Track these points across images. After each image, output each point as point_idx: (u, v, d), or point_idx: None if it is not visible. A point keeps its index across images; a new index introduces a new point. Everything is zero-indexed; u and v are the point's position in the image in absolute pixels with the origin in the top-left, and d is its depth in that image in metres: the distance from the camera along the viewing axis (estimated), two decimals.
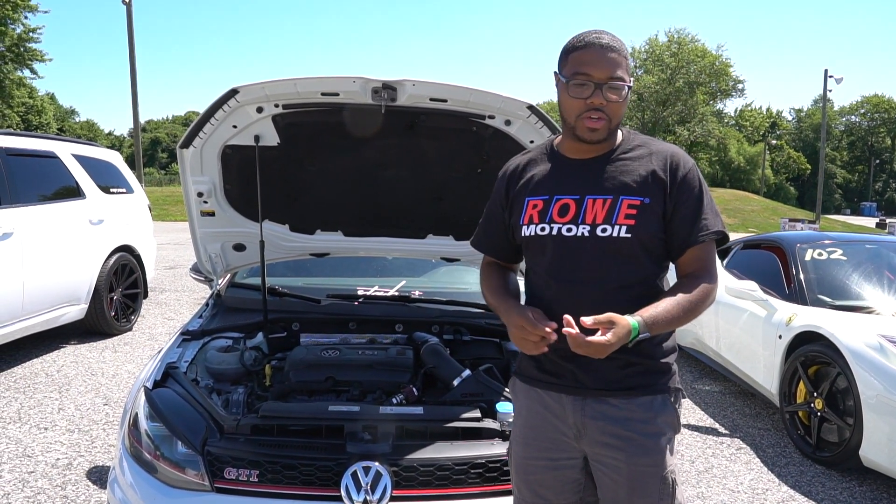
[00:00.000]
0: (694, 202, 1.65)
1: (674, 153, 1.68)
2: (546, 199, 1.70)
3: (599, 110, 1.60)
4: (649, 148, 1.70)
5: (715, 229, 1.66)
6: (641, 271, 1.65)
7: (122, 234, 6.49)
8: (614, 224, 1.62)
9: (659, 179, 1.64)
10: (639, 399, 1.66)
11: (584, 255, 1.64)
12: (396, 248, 3.16)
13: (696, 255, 1.67)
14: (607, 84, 1.59)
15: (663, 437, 1.68)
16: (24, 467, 3.50)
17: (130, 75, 23.03)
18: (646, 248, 1.64)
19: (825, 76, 34.78)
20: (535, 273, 1.75)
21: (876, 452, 3.48)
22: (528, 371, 1.79)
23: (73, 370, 5.25)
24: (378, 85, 2.38)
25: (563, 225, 1.65)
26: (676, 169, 1.65)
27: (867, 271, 4.80)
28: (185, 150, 2.71)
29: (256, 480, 2.02)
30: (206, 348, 2.78)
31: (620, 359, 1.62)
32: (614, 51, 1.61)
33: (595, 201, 1.64)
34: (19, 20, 31.89)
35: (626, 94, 1.63)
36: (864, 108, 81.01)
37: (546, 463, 1.73)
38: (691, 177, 1.66)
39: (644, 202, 1.62)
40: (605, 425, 1.65)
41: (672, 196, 1.64)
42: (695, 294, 1.61)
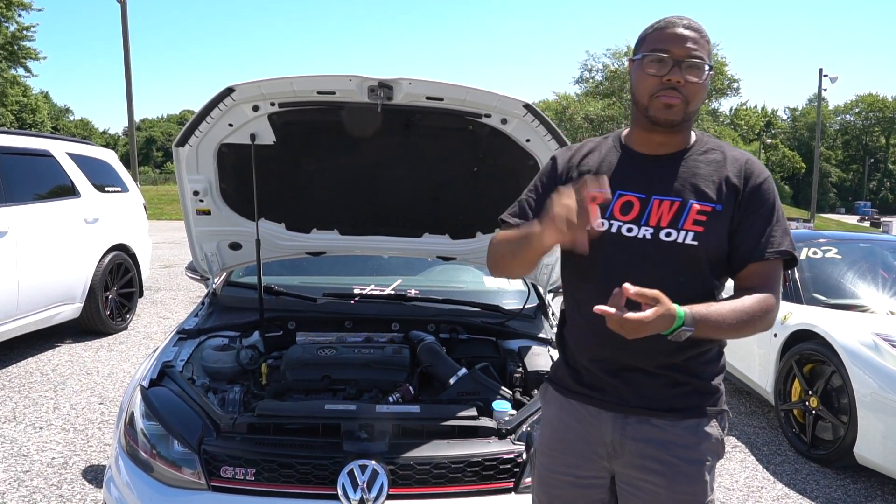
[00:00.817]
0: (764, 215, 1.52)
1: (749, 160, 1.57)
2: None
3: (676, 89, 1.48)
4: (724, 152, 1.57)
5: (782, 248, 1.51)
6: (701, 283, 1.53)
7: (117, 232, 6.47)
8: (680, 229, 1.49)
9: (732, 186, 1.52)
10: (684, 422, 1.54)
11: (643, 259, 1.50)
12: (392, 246, 3.16)
13: (759, 272, 1.52)
14: (686, 61, 1.47)
15: (706, 465, 1.56)
16: (19, 466, 3.49)
17: (125, 74, 22.99)
18: (710, 258, 1.52)
19: (820, 75, 34.93)
20: (581, 271, 1.60)
21: (870, 450, 3.50)
22: (564, 381, 1.67)
23: (69, 369, 5.24)
24: (374, 83, 2.38)
25: (624, 223, 1.53)
26: (750, 176, 1.53)
27: (862, 270, 4.82)
28: (181, 149, 2.70)
29: (253, 479, 2.02)
30: (203, 347, 2.77)
31: (667, 376, 1.54)
32: (696, 31, 1.51)
33: (662, 202, 1.52)
34: (13, 18, 31.78)
35: (706, 79, 1.51)
36: (858, 108, 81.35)
37: (572, 479, 1.63)
38: (766, 188, 1.53)
39: (715, 209, 1.50)
40: (645, 447, 1.54)
41: (742, 205, 1.52)
42: (753, 306, 1.46)
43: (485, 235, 3.06)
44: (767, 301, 1.48)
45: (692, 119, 1.55)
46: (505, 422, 2.20)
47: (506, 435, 2.16)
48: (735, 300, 1.47)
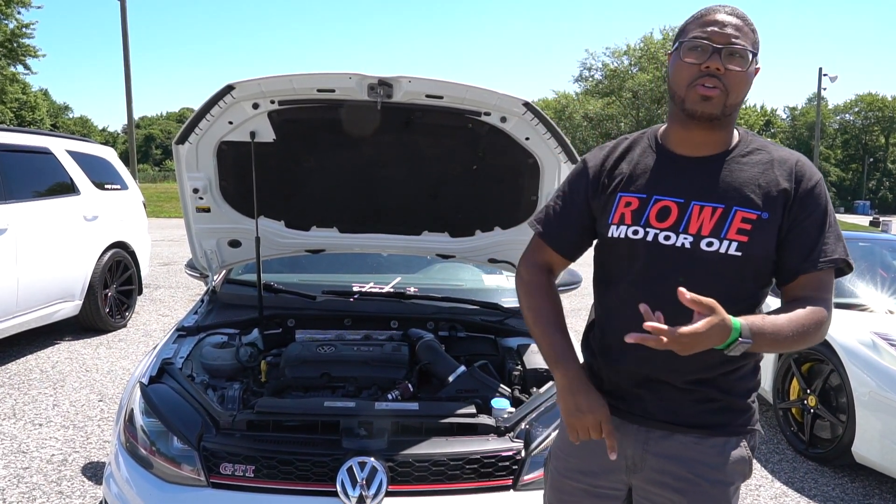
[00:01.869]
0: (817, 222, 1.40)
1: (800, 161, 1.45)
2: (643, 198, 1.46)
3: (716, 77, 1.36)
4: (770, 153, 1.45)
5: (835, 256, 1.40)
6: (745, 297, 1.42)
7: (116, 230, 6.48)
8: (723, 238, 1.38)
9: (783, 191, 1.40)
10: (711, 440, 1.45)
11: (681, 271, 1.39)
12: (392, 244, 3.16)
13: (811, 283, 1.41)
14: (727, 48, 1.36)
15: (731, 487, 1.48)
16: (18, 463, 3.49)
17: (124, 71, 22.97)
18: (756, 270, 1.42)
19: (819, 74, 34.96)
20: (615, 282, 1.50)
21: (868, 449, 3.50)
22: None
23: (68, 366, 5.24)
24: (374, 81, 2.38)
25: (661, 231, 1.42)
26: (801, 180, 1.41)
27: (860, 269, 4.82)
28: (181, 147, 2.70)
29: (252, 476, 2.02)
30: (202, 344, 2.78)
31: (698, 391, 1.44)
32: (739, 18, 1.40)
33: (703, 209, 1.40)
34: (12, 15, 31.71)
35: (750, 69, 1.39)
36: (857, 107, 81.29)
37: (586, 488, 1.57)
38: (818, 191, 1.42)
39: (762, 217, 1.38)
40: (667, 464, 1.46)
41: (792, 211, 1.40)
42: (809, 318, 1.36)
43: (484, 233, 3.06)
44: (820, 313, 1.38)
45: (734, 114, 1.43)
46: (504, 419, 2.21)
47: (504, 432, 2.16)
48: (790, 312, 1.36)
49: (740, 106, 1.44)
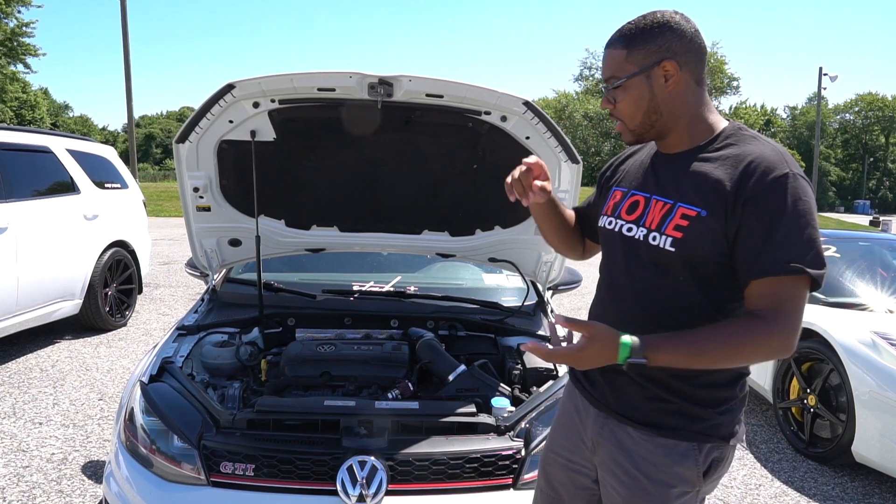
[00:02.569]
0: (768, 221, 1.29)
1: (760, 158, 1.34)
2: (624, 192, 1.56)
3: (614, 115, 1.49)
4: (739, 148, 1.39)
5: (793, 262, 1.27)
6: (686, 297, 1.40)
7: (116, 229, 6.47)
8: (662, 233, 1.40)
9: (723, 189, 1.34)
10: (661, 440, 1.45)
11: (636, 261, 1.47)
12: (392, 243, 3.17)
13: (762, 291, 1.31)
14: (607, 85, 1.47)
15: (673, 490, 1.45)
16: (18, 462, 3.50)
17: (124, 70, 22.96)
18: (693, 269, 1.37)
19: (819, 74, 34.93)
20: (602, 265, 1.62)
21: (868, 448, 3.51)
22: (574, 370, 1.71)
23: (68, 365, 5.24)
24: (374, 80, 2.38)
25: (627, 223, 1.51)
26: (751, 177, 1.32)
27: (860, 268, 4.83)
28: (182, 145, 2.70)
29: (252, 474, 2.02)
30: (202, 343, 2.78)
31: (650, 389, 1.45)
32: (607, 44, 1.45)
33: (657, 203, 1.45)
34: (12, 14, 31.74)
35: (633, 90, 1.42)
36: (858, 106, 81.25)
37: (564, 462, 1.69)
38: (772, 188, 1.30)
39: (700, 214, 1.35)
40: (616, 453, 1.51)
41: (737, 211, 1.32)
42: (737, 334, 1.29)
43: (484, 232, 3.07)
44: (757, 328, 1.28)
45: (661, 124, 1.45)
46: (504, 418, 2.21)
47: (504, 431, 2.16)
48: (713, 326, 1.33)
49: (665, 111, 1.43)
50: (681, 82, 1.41)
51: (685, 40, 1.40)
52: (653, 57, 1.40)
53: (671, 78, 1.40)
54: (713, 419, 1.44)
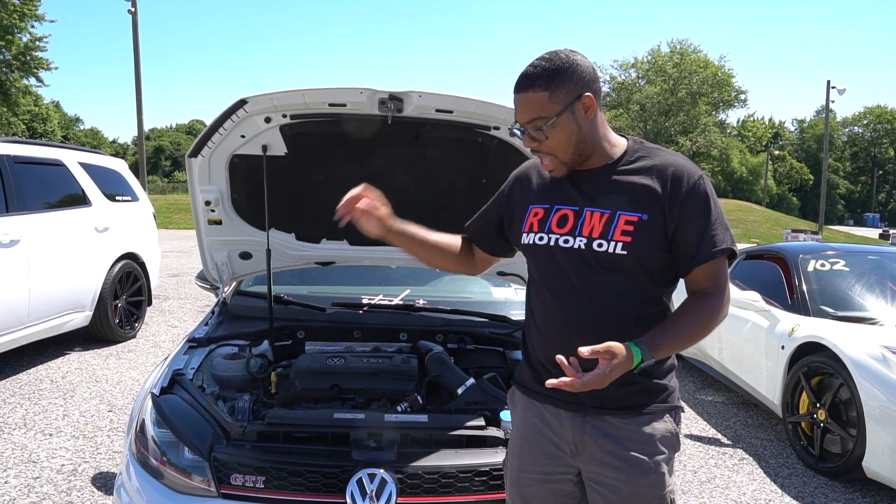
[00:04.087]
0: (699, 218, 1.56)
1: (678, 166, 1.59)
2: (547, 208, 1.67)
3: (541, 151, 1.60)
4: (653, 160, 1.62)
5: (723, 246, 1.57)
6: (639, 290, 1.60)
7: (126, 241, 6.53)
8: (610, 239, 1.56)
9: (657, 195, 1.56)
10: (637, 419, 1.62)
11: (581, 268, 1.59)
12: (401, 257, 3.17)
13: (705, 274, 1.59)
14: (528, 126, 1.57)
15: (662, 457, 1.64)
16: (29, 473, 3.51)
17: (135, 84, 23.18)
18: (644, 266, 1.58)
19: (828, 87, 34.87)
20: (533, 283, 1.73)
21: (879, 463, 3.48)
22: (527, 382, 1.75)
23: (78, 377, 5.27)
24: (385, 96, 2.41)
25: (561, 236, 1.62)
26: (679, 183, 1.56)
27: (870, 282, 4.81)
28: (194, 160, 2.73)
29: (262, 487, 2.03)
30: (213, 355, 2.79)
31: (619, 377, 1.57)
32: (523, 88, 1.55)
33: (593, 214, 1.59)
34: (26, 29, 32.15)
35: (560, 122, 1.54)
36: (866, 119, 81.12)
37: (540, 476, 1.71)
38: (697, 191, 1.56)
39: (642, 218, 1.56)
40: (605, 443, 1.62)
41: (673, 212, 1.55)
42: (703, 314, 1.56)
43: None
44: (716, 304, 1.57)
45: (587, 151, 1.61)
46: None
47: None
48: (685, 315, 1.56)
49: (589, 139, 1.59)
50: (596, 110, 1.59)
51: (590, 72, 1.57)
52: (573, 93, 1.54)
53: (590, 109, 1.57)
54: (669, 387, 1.68)
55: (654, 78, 49.82)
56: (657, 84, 49.16)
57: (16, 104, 37.31)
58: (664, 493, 1.63)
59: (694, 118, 49.28)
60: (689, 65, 49.14)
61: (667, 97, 48.81)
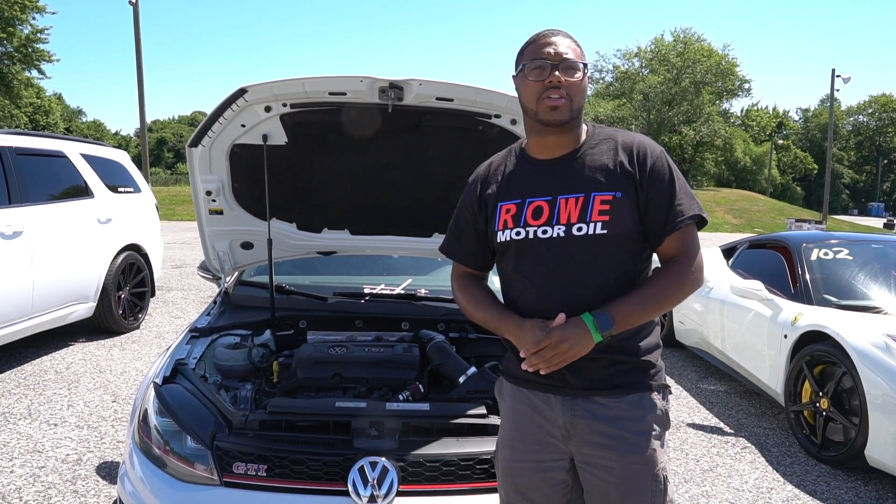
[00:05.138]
0: (666, 189, 1.62)
1: (640, 142, 1.66)
2: (519, 203, 1.67)
3: (559, 88, 1.59)
4: (615, 139, 1.67)
5: (691, 213, 1.63)
6: (620, 268, 1.63)
7: (129, 232, 6.54)
8: (589, 222, 1.59)
9: (627, 171, 1.61)
10: (627, 397, 1.64)
11: (562, 257, 1.61)
12: (402, 246, 3.18)
13: (675, 242, 1.64)
14: (563, 63, 1.59)
15: (653, 434, 1.65)
16: (34, 462, 3.54)
17: (137, 76, 23.13)
18: (623, 242, 1.61)
19: (832, 76, 34.68)
20: (512, 278, 1.72)
21: (881, 452, 3.48)
22: (514, 370, 1.75)
23: (82, 367, 5.29)
24: (385, 84, 2.40)
25: (538, 227, 1.63)
26: (644, 158, 1.62)
27: (873, 271, 4.80)
28: (194, 149, 2.73)
29: (265, 475, 2.04)
30: (215, 345, 2.80)
31: (604, 358, 1.61)
32: (567, 37, 1.64)
33: (568, 201, 1.62)
34: (27, 21, 32.08)
35: (584, 78, 1.63)
36: (871, 108, 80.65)
37: (533, 465, 1.71)
38: (660, 164, 1.63)
39: (616, 196, 1.59)
40: (595, 424, 1.63)
41: (643, 186, 1.61)
42: (669, 279, 1.61)
43: None
44: (685, 269, 1.62)
45: (580, 117, 1.66)
46: None
47: None
48: (653, 283, 1.61)
49: (582, 109, 1.66)
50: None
51: None
52: (585, 62, 1.65)
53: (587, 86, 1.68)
54: (655, 366, 1.70)
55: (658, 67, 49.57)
56: (660, 73, 48.91)
57: (18, 96, 37.30)
58: (656, 471, 1.64)
59: (697, 108, 49.04)
60: (693, 54, 48.85)
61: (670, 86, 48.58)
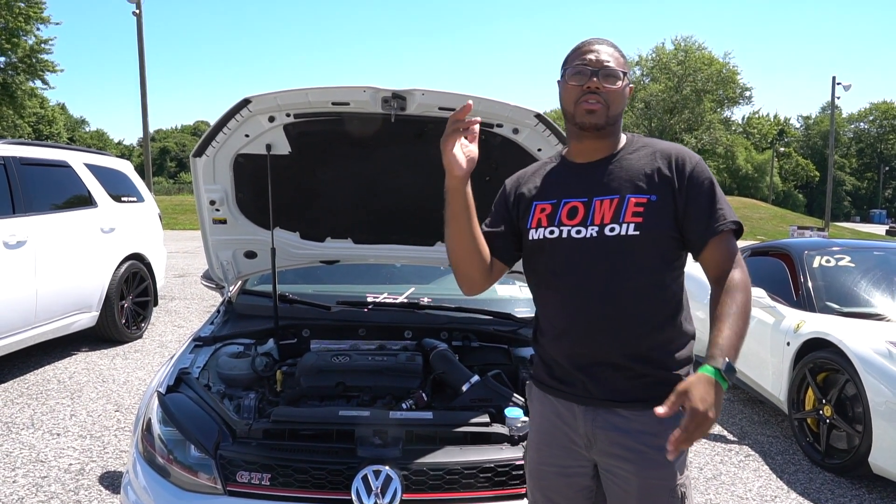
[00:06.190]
0: (706, 194, 1.63)
1: (679, 150, 1.68)
2: (554, 203, 1.70)
3: (596, 94, 1.63)
4: (653, 147, 1.70)
5: (732, 219, 1.64)
6: (651, 272, 1.63)
7: (132, 242, 6.55)
8: (622, 222, 1.61)
9: (665, 177, 1.63)
10: (649, 411, 1.58)
11: (594, 257, 1.62)
12: (405, 255, 3.19)
13: (720, 248, 1.63)
14: (603, 70, 1.63)
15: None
16: (37, 472, 3.54)
17: (140, 85, 23.25)
18: (656, 246, 1.62)
19: (833, 83, 34.73)
20: (543, 276, 1.73)
21: (885, 459, 3.47)
22: (541, 377, 1.77)
23: (85, 377, 5.30)
24: (388, 94, 2.41)
25: (573, 227, 1.65)
26: (683, 165, 1.64)
27: (875, 278, 4.79)
28: (198, 159, 2.74)
29: (268, 484, 2.04)
30: (218, 354, 2.80)
31: (631, 369, 1.62)
32: (611, 46, 1.68)
33: (602, 202, 1.64)
34: (32, 32, 32.20)
35: (624, 86, 1.66)
36: (872, 115, 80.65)
37: (558, 470, 1.73)
38: (699, 171, 1.64)
39: (651, 199, 1.61)
40: (615, 436, 1.63)
41: (682, 193, 1.62)
42: (741, 298, 1.59)
43: None
44: (745, 279, 1.62)
45: (617, 124, 1.70)
46: (517, 428, 2.22)
47: (518, 441, 2.17)
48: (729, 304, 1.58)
49: (621, 115, 1.71)
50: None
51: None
52: (626, 71, 1.69)
53: (628, 93, 1.73)
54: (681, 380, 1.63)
55: (659, 75, 49.72)
56: (662, 82, 49.05)
57: (22, 106, 37.37)
58: (675, 486, 1.64)
59: (699, 115, 49.14)
60: (694, 62, 49.00)
61: (671, 95, 48.70)
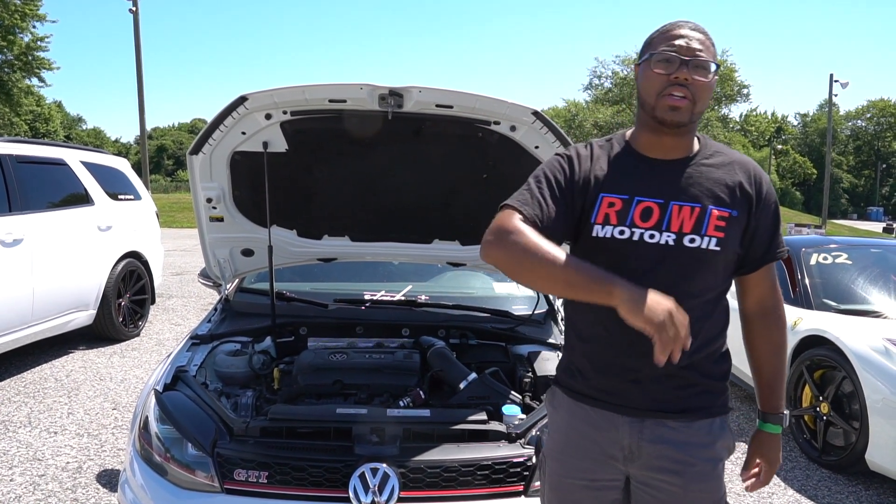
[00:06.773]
0: (772, 217, 1.60)
1: (755, 165, 1.61)
2: (626, 199, 1.52)
3: (684, 87, 1.47)
4: (728, 156, 1.59)
5: (784, 247, 1.64)
6: (717, 286, 1.56)
7: (129, 240, 6.54)
8: (704, 235, 1.49)
9: (746, 193, 1.55)
10: (697, 423, 1.56)
11: (666, 265, 1.49)
12: (403, 252, 3.19)
13: (770, 274, 1.63)
14: (693, 60, 1.47)
15: (720, 463, 1.61)
16: (34, 471, 3.53)
17: (137, 83, 23.20)
18: (728, 262, 1.56)
19: (831, 81, 34.77)
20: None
21: (882, 456, 3.48)
22: (573, 384, 1.63)
23: (82, 375, 5.29)
24: (385, 92, 2.41)
25: (646, 230, 1.50)
26: (760, 183, 1.58)
27: (872, 275, 4.80)
28: (195, 157, 2.74)
29: (266, 482, 2.04)
30: (215, 352, 2.80)
31: (680, 377, 1.53)
32: (702, 33, 1.52)
33: (682, 208, 1.50)
34: (27, 29, 32.13)
35: (713, 79, 1.50)
36: (870, 113, 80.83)
37: (586, 483, 1.61)
38: (770, 191, 1.60)
39: (732, 214, 1.52)
40: (662, 449, 1.54)
41: (756, 213, 1.56)
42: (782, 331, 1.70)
43: None
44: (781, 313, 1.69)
45: (697, 122, 1.56)
46: (514, 426, 2.22)
47: (515, 439, 2.17)
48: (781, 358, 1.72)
49: (703, 113, 1.58)
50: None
51: None
52: (716, 62, 1.52)
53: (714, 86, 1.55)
54: (727, 391, 1.65)
55: None
56: None
57: (18, 104, 37.30)
58: (719, 498, 1.60)
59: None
60: None
61: None
